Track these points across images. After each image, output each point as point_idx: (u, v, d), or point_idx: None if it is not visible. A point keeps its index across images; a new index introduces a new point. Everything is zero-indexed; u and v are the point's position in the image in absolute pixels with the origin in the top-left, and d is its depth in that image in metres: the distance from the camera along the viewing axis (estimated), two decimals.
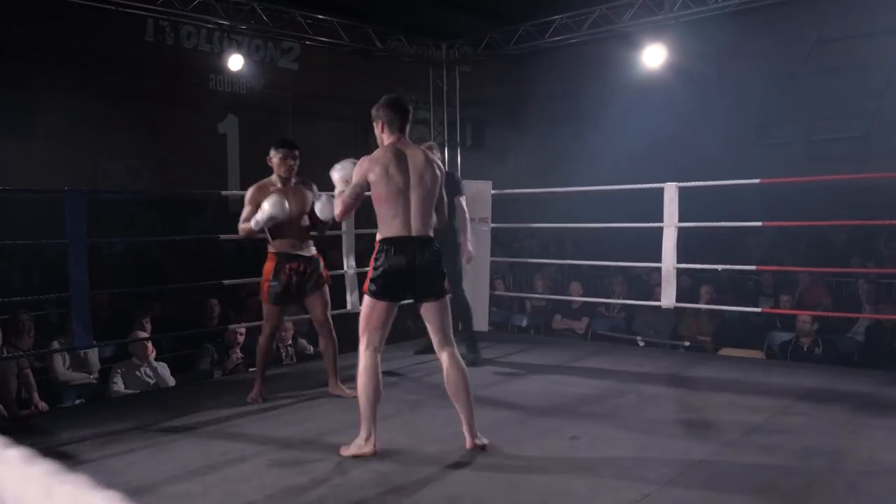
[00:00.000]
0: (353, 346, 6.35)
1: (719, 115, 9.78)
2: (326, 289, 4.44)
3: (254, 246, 9.61)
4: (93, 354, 5.61)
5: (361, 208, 3.67)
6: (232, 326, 5.85)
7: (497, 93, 12.32)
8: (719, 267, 6.52)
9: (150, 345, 5.43)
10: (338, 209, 3.55)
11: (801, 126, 10.40)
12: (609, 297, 7.46)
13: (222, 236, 5.51)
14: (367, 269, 3.49)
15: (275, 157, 4.32)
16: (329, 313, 4.46)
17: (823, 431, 3.56)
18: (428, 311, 3.43)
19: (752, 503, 2.76)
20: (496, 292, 7.06)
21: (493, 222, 6.60)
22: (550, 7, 7.57)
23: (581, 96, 11.09)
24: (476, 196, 6.60)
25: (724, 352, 6.21)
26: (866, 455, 3.23)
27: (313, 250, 4.42)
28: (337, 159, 3.85)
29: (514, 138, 12.47)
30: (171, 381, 5.49)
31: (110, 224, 7.77)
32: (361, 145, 11.99)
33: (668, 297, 5.62)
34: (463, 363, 3.48)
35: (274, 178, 4.35)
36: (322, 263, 4.45)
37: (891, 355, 5.54)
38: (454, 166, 7.76)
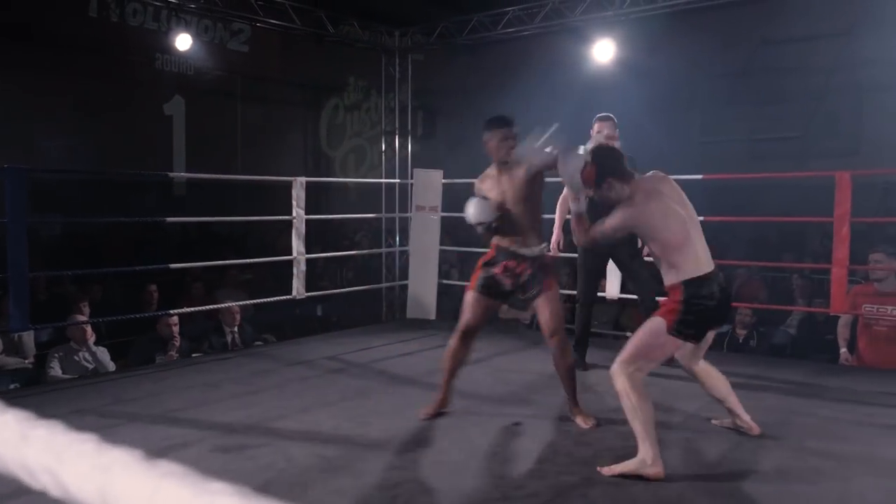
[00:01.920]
0: (300, 333, 6.35)
1: (665, 112, 9.98)
2: (552, 293, 3.60)
3: (201, 230, 9.51)
4: (28, 338, 5.47)
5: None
6: (172, 312, 5.75)
7: (450, 82, 12.33)
8: None
9: (89, 329, 5.32)
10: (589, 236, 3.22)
11: (745, 125, 10.68)
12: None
13: (168, 219, 5.41)
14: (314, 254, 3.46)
15: (490, 139, 3.63)
16: (559, 323, 3.60)
17: (755, 419, 3.68)
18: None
19: (686, 488, 2.85)
20: (445, 281, 7.10)
21: (444, 212, 6.63)
22: None
23: (533, 89, 11.16)
24: (426, 185, 6.63)
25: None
26: (795, 441, 3.37)
27: (538, 248, 3.62)
28: (287, 145, 3.72)
29: (466, 128, 12.49)
30: (112, 367, 5.38)
31: (47, 204, 7.55)
32: (312, 132, 11.92)
33: (612, 289, 5.74)
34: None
35: (492, 166, 3.67)
36: (547, 262, 3.70)
37: (821, 347, 5.75)
38: (405, 155, 7.77)
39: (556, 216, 4.86)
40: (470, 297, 3.77)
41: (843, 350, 5.11)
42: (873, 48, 9.38)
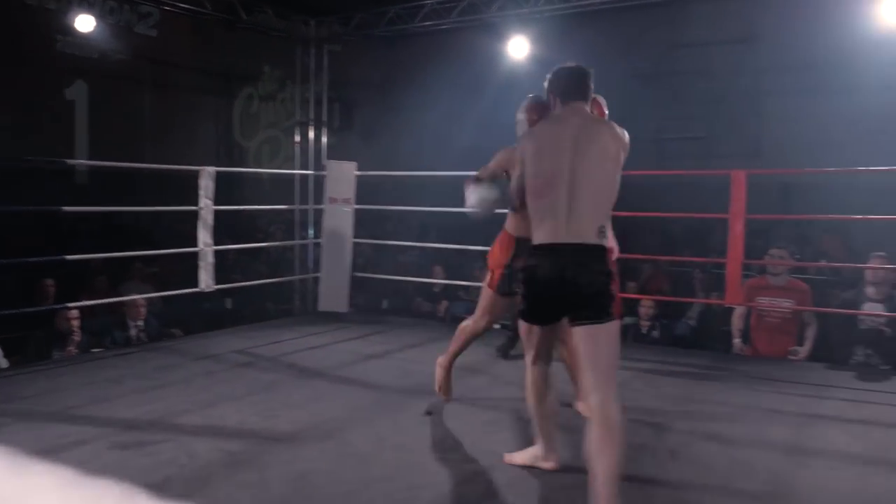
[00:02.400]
0: (209, 327, 6.21)
1: None
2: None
3: (105, 220, 9.15)
4: None
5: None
6: (70, 305, 5.52)
7: (367, 74, 12.26)
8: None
9: None
10: None
11: (652, 125, 11.03)
12: (469, 281, 7.65)
13: (65, 208, 5.18)
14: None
15: (530, 113, 3.49)
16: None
17: (654, 405, 3.85)
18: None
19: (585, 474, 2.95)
20: (359, 274, 7.08)
21: (359, 204, 6.62)
22: None
23: (450, 83, 11.23)
24: (340, 177, 6.59)
25: None
26: (688, 426, 3.53)
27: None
28: (199, 134, 3.61)
29: (383, 121, 12.48)
30: (4, 363, 5.14)
31: None
32: (224, 122, 11.64)
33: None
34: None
35: None
36: None
37: (719, 338, 6.01)
38: (321, 147, 7.69)
39: None
40: None
41: (737, 340, 5.37)
42: (772, 55, 9.87)
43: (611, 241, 2.62)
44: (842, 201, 7.69)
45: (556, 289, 2.54)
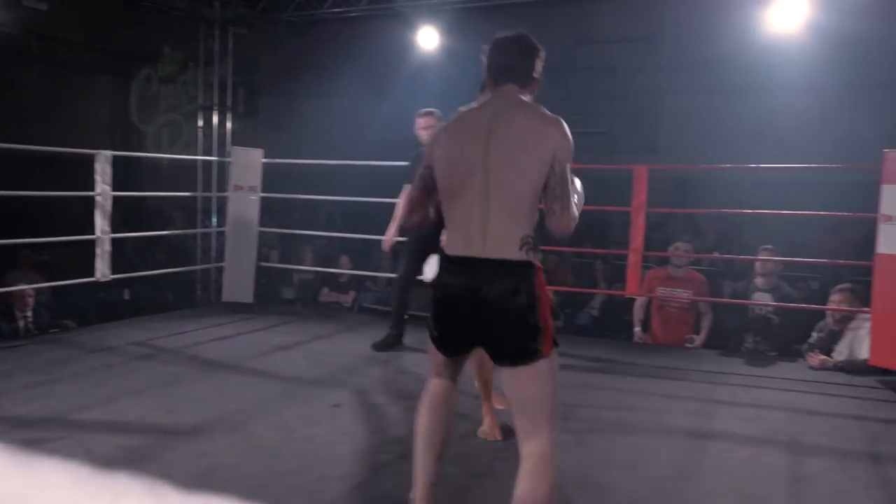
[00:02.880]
0: (105, 318, 5.94)
1: None
2: None
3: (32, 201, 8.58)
4: None
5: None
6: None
7: (273, 59, 11.97)
8: None
9: None
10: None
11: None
12: (377, 272, 7.62)
13: None
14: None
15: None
16: None
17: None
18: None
19: (493, 454, 3.00)
20: (265, 263, 6.94)
21: (265, 192, 6.47)
22: None
23: (360, 71, 11.12)
24: (245, 164, 6.43)
25: None
26: (592, 413, 3.64)
27: None
28: (93, 116, 3.40)
29: (289, 108, 12.23)
30: None
31: None
32: (121, 104, 11.12)
33: (430, 272, 5.86)
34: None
35: None
36: None
37: (620, 327, 6.22)
38: (224, 133, 7.46)
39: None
40: None
41: (637, 329, 5.57)
42: (672, 54, 10.24)
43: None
44: (731, 195, 8.11)
45: (468, 315, 2.08)
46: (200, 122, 7.51)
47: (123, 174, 4.09)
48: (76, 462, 2.81)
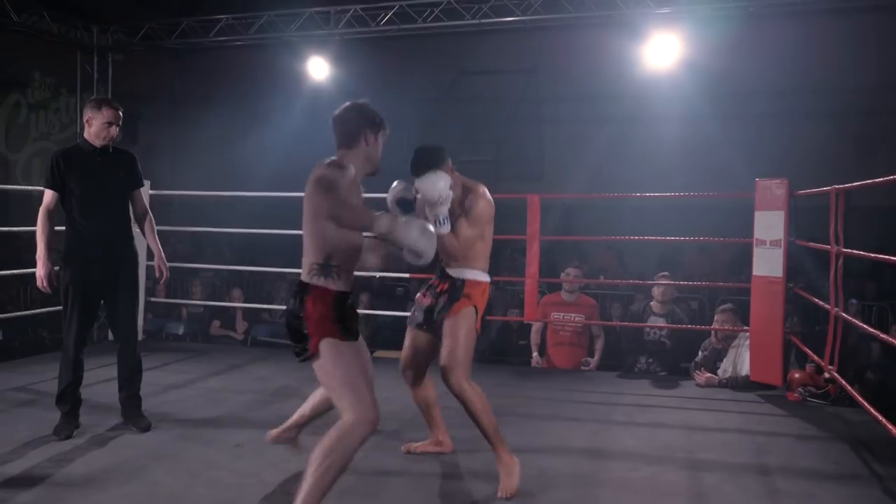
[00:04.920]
0: None
1: None
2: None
3: None
4: None
5: None
6: None
7: (154, 87, 11.57)
8: (376, 275, 6.88)
9: None
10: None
11: (447, 147, 11.47)
12: (270, 304, 7.47)
13: None
14: None
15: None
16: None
17: (460, 421, 3.95)
18: None
19: (405, 489, 3.00)
20: (152, 298, 6.66)
21: None
22: (217, 5, 7.38)
23: (248, 100, 10.93)
24: None
25: (380, 353, 6.59)
26: None
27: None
28: None
29: (171, 136, 11.83)
30: None
31: None
32: None
33: None
34: None
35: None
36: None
37: (516, 352, 6.35)
38: None
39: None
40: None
41: (535, 354, 5.72)
42: (553, 86, 10.67)
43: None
44: (614, 221, 8.49)
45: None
46: None
47: None
48: None
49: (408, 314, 3.38)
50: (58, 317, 6.62)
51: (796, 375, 4.55)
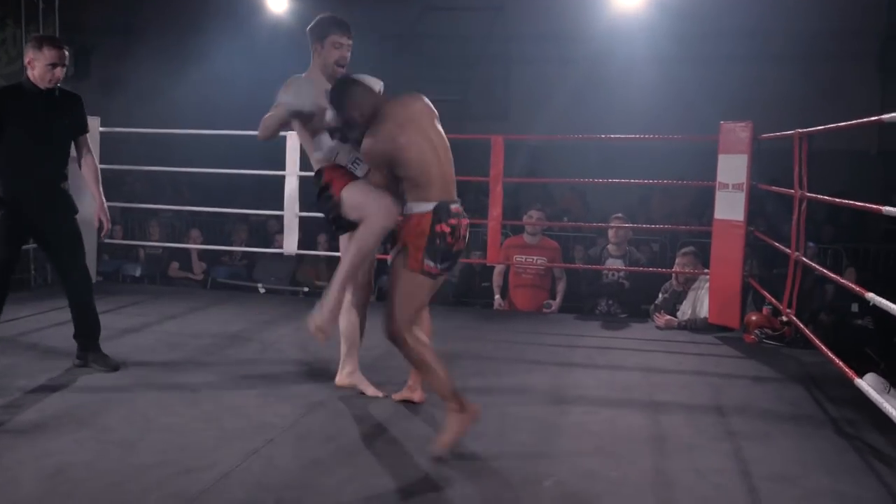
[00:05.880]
0: None
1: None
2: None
3: None
4: None
5: None
6: None
7: (105, 19, 11.10)
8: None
9: None
10: None
11: (410, 86, 11.21)
12: (230, 245, 7.34)
13: None
14: None
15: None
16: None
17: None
18: None
19: (361, 431, 2.98)
20: (109, 240, 6.48)
21: (102, 163, 5.99)
22: None
23: (205, 34, 10.54)
24: None
25: None
26: (459, 381, 3.65)
27: None
28: None
29: (124, 71, 11.41)
30: None
31: None
32: None
33: (290, 245, 5.73)
34: None
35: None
36: None
37: (478, 294, 6.35)
38: None
39: None
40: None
41: (497, 296, 5.71)
42: (521, 23, 10.45)
43: None
44: (580, 163, 8.45)
45: None
46: None
47: None
48: None
49: None
50: (26, 254, 6.48)
51: (753, 318, 4.61)
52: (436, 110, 3.03)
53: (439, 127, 3.00)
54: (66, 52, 3.54)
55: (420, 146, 2.86)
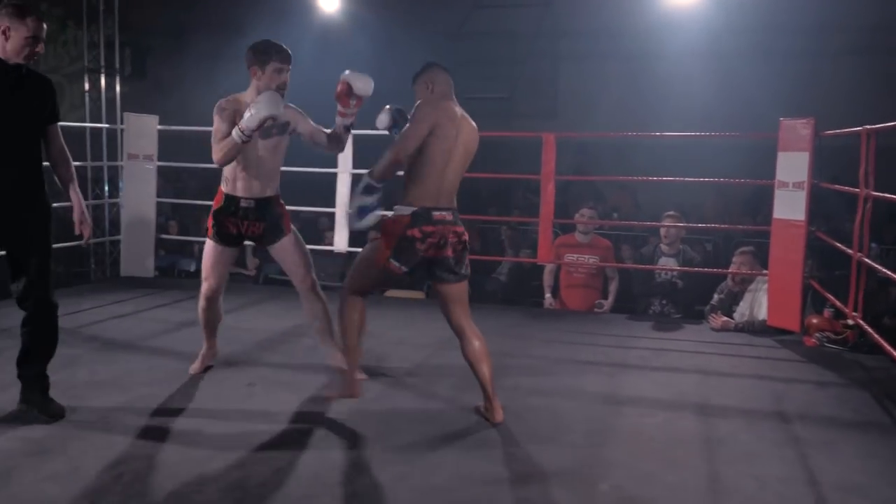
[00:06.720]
0: None
1: (390, 70, 10.12)
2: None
3: None
4: None
5: None
6: None
7: (161, 19, 11.33)
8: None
9: None
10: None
11: (458, 84, 11.21)
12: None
13: None
14: None
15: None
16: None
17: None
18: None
19: (416, 431, 2.98)
20: (164, 235, 6.62)
21: (160, 160, 6.14)
22: None
23: (258, 33, 10.68)
24: (139, 131, 6.08)
25: (391, 293, 6.57)
26: (512, 381, 3.66)
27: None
28: None
29: (180, 70, 11.63)
30: None
31: None
32: None
33: (340, 242, 5.77)
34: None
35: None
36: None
37: (528, 293, 6.31)
38: (113, 96, 7.00)
39: None
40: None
41: (548, 295, 5.66)
42: (569, 20, 10.34)
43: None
44: (630, 160, 8.33)
45: None
46: (86, 86, 7.01)
47: None
48: None
49: None
50: (73, 252, 6.66)
51: (814, 321, 4.49)
52: (477, 139, 3.21)
53: (469, 149, 3.14)
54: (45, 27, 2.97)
55: (441, 147, 3.00)
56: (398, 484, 2.54)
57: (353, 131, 3.65)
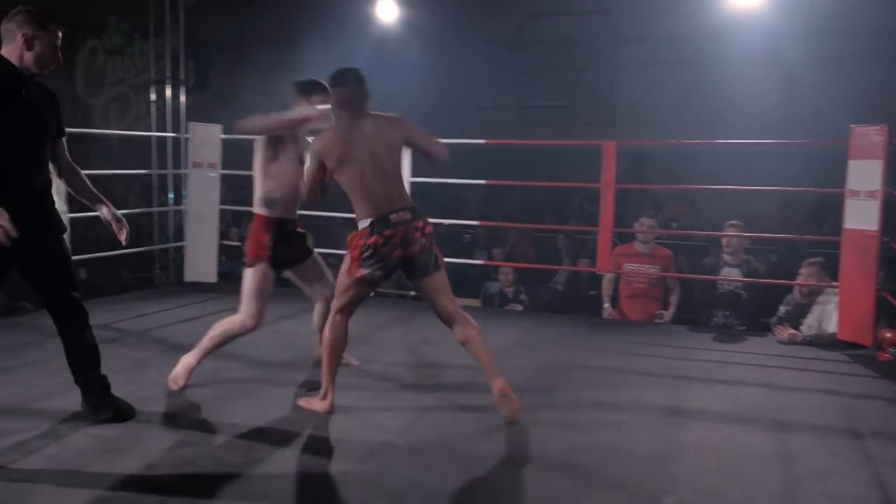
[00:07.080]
0: None
1: (443, 77, 10.18)
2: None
3: None
4: None
5: None
6: None
7: (223, 31, 11.61)
8: (444, 222, 6.81)
9: None
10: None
11: (514, 93, 11.19)
12: (338, 248, 7.51)
13: None
14: None
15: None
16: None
17: (536, 374, 3.93)
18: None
19: (477, 440, 2.97)
20: (227, 242, 6.77)
21: (223, 168, 6.28)
22: None
23: (318, 45, 10.87)
24: (204, 140, 6.23)
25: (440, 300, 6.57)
26: (571, 394, 3.62)
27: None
28: None
29: (242, 81, 11.89)
30: None
31: None
32: (66, 77, 10.67)
33: None
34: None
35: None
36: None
37: (586, 302, 6.25)
38: (177, 106, 7.20)
39: None
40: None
41: (607, 305, 5.59)
42: (628, 27, 10.23)
43: None
44: (688, 168, 8.17)
45: None
46: (152, 96, 7.23)
47: (70, 150, 3.74)
48: (46, 454, 2.69)
49: (473, 261, 3.38)
50: (137, 257, 6.87)
51: (888, 335, 4.33)
52: (410, 127, 3.26)
53: (384, 145, 3.17)
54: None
55: (356, 171, 3.12)
56: (462, 493, 2.53)
57: None
